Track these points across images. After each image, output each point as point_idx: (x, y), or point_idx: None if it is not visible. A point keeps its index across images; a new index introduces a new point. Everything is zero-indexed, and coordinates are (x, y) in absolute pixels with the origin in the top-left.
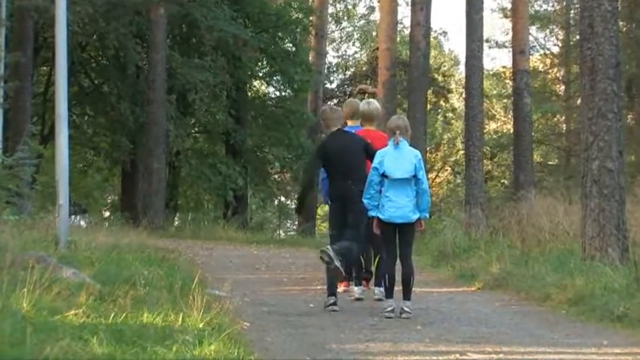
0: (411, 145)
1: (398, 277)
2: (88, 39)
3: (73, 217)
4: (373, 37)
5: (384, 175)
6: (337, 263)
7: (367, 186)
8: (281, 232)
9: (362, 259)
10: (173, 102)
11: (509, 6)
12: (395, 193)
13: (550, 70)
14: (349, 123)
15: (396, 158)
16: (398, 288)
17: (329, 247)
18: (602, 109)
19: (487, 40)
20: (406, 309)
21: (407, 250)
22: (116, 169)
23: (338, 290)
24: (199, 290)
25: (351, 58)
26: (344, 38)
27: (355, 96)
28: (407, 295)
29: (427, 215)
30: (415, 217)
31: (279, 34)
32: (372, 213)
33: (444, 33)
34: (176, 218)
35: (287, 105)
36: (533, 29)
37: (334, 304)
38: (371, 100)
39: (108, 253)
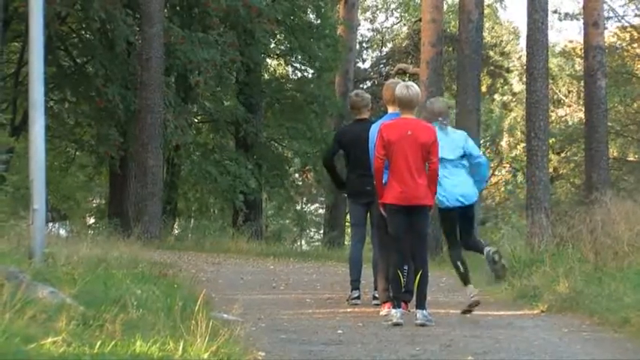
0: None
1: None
2: (69, 9)
3: (50, 224)
4: (416, 6)
5: None
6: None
7: None
8: (303, 242)
9: (401, 275)
10: (172, 85)
11: None
12: (449, 172)
13: (630, 47)
14: (390, 109)
15: (443, 139)
16: (433, 299)
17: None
18: None
19: (555, 11)
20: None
21: (470, 233)
22: (103, 167)
23: (381, 314)
24: (204, 313)
25: (388, 32)
26: (380, 7)
27: (394, 77)
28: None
29: (483, 185)
30: (476, 198)
31: (300, 2)
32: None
33: (502, 1)
34: (175, 226)
35: (309, 89)
36: None
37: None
38: (410, 83)
39: (93, 269)
